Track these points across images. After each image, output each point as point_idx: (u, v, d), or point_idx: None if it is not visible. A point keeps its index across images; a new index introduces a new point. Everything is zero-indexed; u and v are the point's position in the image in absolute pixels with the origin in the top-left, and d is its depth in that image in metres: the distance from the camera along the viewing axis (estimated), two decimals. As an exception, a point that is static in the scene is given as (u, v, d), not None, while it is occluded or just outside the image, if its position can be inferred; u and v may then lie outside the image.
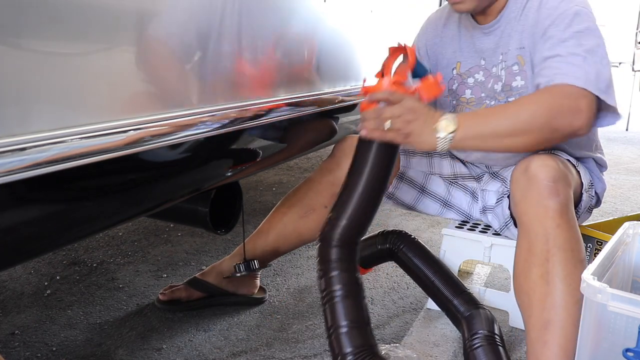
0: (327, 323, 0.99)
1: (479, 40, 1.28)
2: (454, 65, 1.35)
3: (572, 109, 1.03)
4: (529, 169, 1.07)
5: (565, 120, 1.03)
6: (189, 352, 1.31)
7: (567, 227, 1.03)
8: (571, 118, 1.03)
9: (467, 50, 1.32)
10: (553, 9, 1.14)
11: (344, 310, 0.98)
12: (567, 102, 1.03)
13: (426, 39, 1.40)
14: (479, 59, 1.30)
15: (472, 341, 1.11)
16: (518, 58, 1.22)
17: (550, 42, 1.12)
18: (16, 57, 0.66)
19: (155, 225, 2.13)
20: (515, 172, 1.11)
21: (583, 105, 1.03)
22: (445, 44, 1.37)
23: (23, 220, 0.73)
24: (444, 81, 1.39)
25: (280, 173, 3.01)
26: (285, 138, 1.38)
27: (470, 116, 1.11)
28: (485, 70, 1.29)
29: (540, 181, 1.05)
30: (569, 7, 1.12)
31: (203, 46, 0.98)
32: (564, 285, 1.00)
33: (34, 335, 1.35)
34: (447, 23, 1.37)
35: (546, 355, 1.00)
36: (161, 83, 0.90)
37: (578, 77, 1.04)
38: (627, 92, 5.31)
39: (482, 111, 1.12)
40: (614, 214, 2.43)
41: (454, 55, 1.35)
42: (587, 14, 1.12)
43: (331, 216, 1.08)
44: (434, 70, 1.40)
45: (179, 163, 1.02)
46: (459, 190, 1.47)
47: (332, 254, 1.04)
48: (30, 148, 0.66)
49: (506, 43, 1.23)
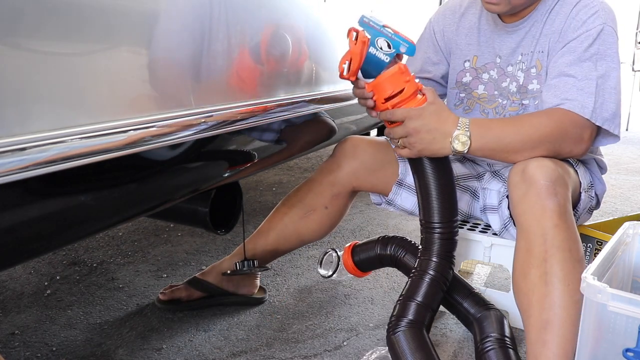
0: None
1: (500, 38, 1.28)
2: (468, 58, 1.35)
3: (576, 138, 1.12)
4: (526, 170, 1.08)
5: (568, 146, 1.12)
6: (189, 352, 1.31)
7: (565, 227, 1.03)
8: (573, 146, 1.12)
9: (486, 45, 1.31)
10: (581, 22, 1.15)
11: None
12: (573, 130, 1.11)
13: (444, 24, 1.39)
14: (495, 56, 1.30)
15: (483, 344, 1.13)
16: (536, 62, 1.22)
17: (569, 57, 1.15)
18: (16, 57, 0.66)
19: (155, 225, 2.13)
20: (512, 173, 1.12)
21: (586, 135, 1.12)
22: (460, 33, 1.36)
23: (23, 220, 0.73)
24: (453, 72, 1.38)
25: (280, 173, 3.01)
26: (285, 138, 1.38)
27: (485, 130, 1.10)
28: (499, 68, 1.29)
29: (537, 182, 1.05)
30: (595, 25, 1.14)
31: (202, 46, 0.98)
32: (563, 286, 1.01)
33: (34, 335, 1.35)
34: (466, 13, 1.36)
35: (545, 355, 1.00)
36: (161, 83, 0.90)
37: (586, 107, 1.10)
38: (627, 92, 5.31)
39: (496, 126, 1.12)
40: (614, 214, 2.43)
41: (468, 47, 1.35)
42: (611, 34, 1.14)
43: (422, 224, 1.17)
44: (447, 59, 1.39)
45: (178, 163, 1.02)
46: (459, 191, 1.47)
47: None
48: (30, 148, 0.66)
49: (528, 44, 1.23)
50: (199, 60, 0.97)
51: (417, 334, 1.07)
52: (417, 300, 1.10)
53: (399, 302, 1.12)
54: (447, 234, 1.14)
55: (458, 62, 1.37)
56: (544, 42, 1.21)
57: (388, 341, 1.08)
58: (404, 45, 1.07)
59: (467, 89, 1.35)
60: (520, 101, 1.26)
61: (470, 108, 1.36)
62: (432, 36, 1.41)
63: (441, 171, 1.13)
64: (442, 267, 1.13)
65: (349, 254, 1.42)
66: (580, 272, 1.01)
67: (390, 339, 1.08)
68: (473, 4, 1.36)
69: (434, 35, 1.41)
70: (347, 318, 1.48)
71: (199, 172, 1.10)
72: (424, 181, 1.13)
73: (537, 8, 1.22)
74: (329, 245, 1.99)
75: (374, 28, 1.06)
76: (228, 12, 1.02)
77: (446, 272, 1.14)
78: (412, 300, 1.10)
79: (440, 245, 1.14)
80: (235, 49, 1.06)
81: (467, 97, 1.36)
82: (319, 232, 1.47)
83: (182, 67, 0.94)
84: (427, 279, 1.12)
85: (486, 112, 1.33)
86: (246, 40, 1.09)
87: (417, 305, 1.10)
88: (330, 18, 1.47)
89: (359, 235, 2.11)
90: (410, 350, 1.05)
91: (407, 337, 1.07)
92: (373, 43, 1.04)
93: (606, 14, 1.15)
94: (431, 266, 1.13)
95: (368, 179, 1.39)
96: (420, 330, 1.08)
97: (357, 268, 1.42)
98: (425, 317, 1.09)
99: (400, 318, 1.09)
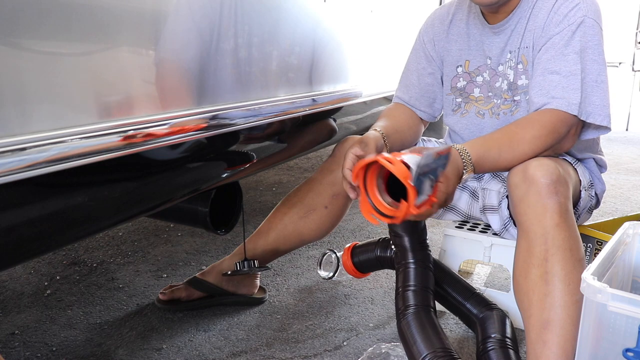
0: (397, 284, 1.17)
1: (488, 40, 1.29)
2: (460, 63, 1.36)
3: (565, 135, 1.15)
4: (527, 170, 1.08)
5: (558, 144, 1.16)
6: (189, 352, 1.31)
7: (566, 227, 1.03)
8: (564, 143, 1.17)
9: (476, 49, 1.33)
10: (562, 16, 1.16)
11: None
12: (564, 130, 1.14)
13: (433, 34, 1.41)
14: (485, 58, 1.31)
15: (484, 345, 1.13)
16: (522, 57, 1.23)
17: (551, 52, 1.16)
18: (16, 57, 0.66)
19: (155, 225, 2.13)
20: (512, 173, 1.12)
21: (573, 131, 1.17)
22: (451, 41, 1.38)
23: (23, 220, 0.73)
24: (447, 78, 1.40)
25: (280, 173, 3.01)
26: (285, 138, 1.38)
27: (481, 156, 1.10)
28: (491, 69, 1.31)
29: (538, 181, 1.05)
30: (576, 18, 1.15)
31: (203, 46, 0.98)
32: (563, 285, 1.01)
33: (34, 335, 1.35)
34: (454, 20, 1.38)
35: (546, 354, 1.00)
36: (161, 83, 0.90)
37: (573, 104, 1.12)
38: (627, 92, 5.31)
39: (495, 149, 1.12)
40: (614, 214, 2.43)
41: (459, 53, 1.36)
42: (592, 25, 1.15)
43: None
44: (440, 67, 1.40)
45: (178, 163, 1.02)
46: (459, 191, 1.47)
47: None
48: (30, 148, 0.66)
49: (515, 41, 1.25)
50: (199, 60, 0.97)
51: (425, 315, 1.10)
52: (412, 287, 1.13)
53: (398, 294, 1.14)
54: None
55: (451, 68, 1.38)
56: (529, 38, 1.22)
57: (399, 330, 1.11)
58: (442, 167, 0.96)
59: (464, 94, 1.37)
60: (512, 98, 1.28)
61: (468, 111, 1.36)
62: (423, 46, 1.43)
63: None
64: (420, 255, 1.18)
65: (349, 255, 1.42)
66: (581, 271, 1.01)
67: (400, 326, 1.11)
68: (459, 11, 1.37)
69: (425, 45, 1.42)
70: (347, 318, 1.48)
71: (199, 172, 1.10)
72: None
73: (520, 4, 1.23)
74: (329, 245, 1.99)
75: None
76: (228, 12, 1.02)
77: (426, 258, 1.18)
78: (409, 289, 1.13)
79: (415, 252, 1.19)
80: (235, 49, 1.06)
81: (464, 102, 1.37)
82: (319, 232, 1.47)
83: (181, 67, 0.94)
84: (412, 267, 1.16)
85: (482, 113, 1.34)
86: (246, 40, 1.09)
87: (414, 291, 1.13)
88: (330, 18, 1.47)
89: (359, 235, 2.11)
90: (417, 331, 1.07)
91: (415, 319, 1.09)
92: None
93: (587, 7, 1.16)
94: (410, 257, 1.17)
95: None
96: (427, 312, 1.11)
97: (357, 269, 1.42)
98: (427, 300, 1.13)
99: (406, 307, 1.12)
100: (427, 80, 1.43)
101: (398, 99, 1.47)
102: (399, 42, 2.01)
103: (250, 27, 1.10)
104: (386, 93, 1.94)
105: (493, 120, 1.31)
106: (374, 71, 1.86)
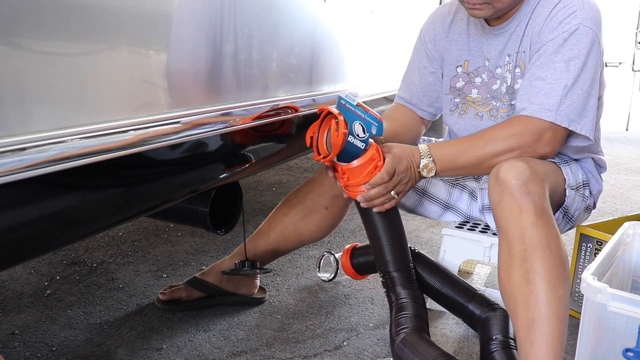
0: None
1: (488, 41, 1.29)
2: (460, 63, 1.36)
3: (536, 141, 1.15)
4: (499, 174, 1.09)
5: (531, 149, 1.16)
6: (189, 352, 1.31)
7: (543, 224, 1.04)
8: (539, 148, 1.16)
9: (475, 49, 1.33)
10: (557, 23, 1.17)
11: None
12: (530, 136, 1.15)
13: (434, 33, 1.41)
14: (484, 59, 1.31)
15: (488, 346, 1.14)
16: (519, 62, 1.24)
17: (541, 58, 1.17)
18: (16, 57, 0.66)
19: (155, 225, 2.13)
20: (489, 179, 1.14)
21: (548, 137, 1.15)
22: (451, 40, 1.38)
23: (23, 220, 0.73)
24: (447, 77, 1.40)
25: (280, 173, 3.01)
26: (285, 138, 1.38)
27: (444, 153, 1.18)
28: (489, 71, 1.31)
29: (509, 183, 1.06)
30: (571, 25, 1.15)
31: (203, 46, 0.98)
32: (545, 283, 1.01)
33: (34, 335, 1.35)
34: (454, 20, 1.38)
35: (535, 353, 1.00)
36: (161, 83, 0.90)
37: (549, 110, 1.13)
38: (627, 92, 5.31)
39: (455, 145, 1.21)
40: (614, 214, 2.43)
41: (459, 53, 1.36)
42: (586, 34, 1.15)
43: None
44: (441, 66, 1.41)
45: (178, 163, 1.02)
46: (458, 191, 1.47)
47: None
48: (30, 148, 0.66)
49: (513, 45, 1.25)
50: (199, 60, 0.97)
51: (418, 335, 1.11)
52: (407, 314, 1.15)
53: (392, 322, 1.16)
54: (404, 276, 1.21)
55: (450, 68, 1.39)
56: (526, 42, 1.23)
57: (393, 353, 1.12)
58: (375, 126, 1.10)
59: (461, 94, 1.37)
60: (509, 102, 1.28)
61: (466, 112, 1.37)
62: (424, 45, 1.43)
63: (391, 223, 1.21)
64: (411, 291, 1.20)
65: (348, 257, 1.42)
66: (562, 267, 1.02)
67: (394, 349, 1.11)
68: (460, 11, 1.38)
69: (426, 44, 1.43)
70: (347, 318, 1.48)
71: (199, 172, 1.10)
72: (375, 235, 1.21)
73: (521, 9, 1.24)
74: (329, 245, 1.99)
75: (350, 111, 1.07)
76: (228, 12, 1.02)
77: (417, 295, 1.20)
78: (403, 316, 1.15)
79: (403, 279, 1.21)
80: (232, 48, 1.06)
81: (462, 102, 1.37)
82: (320, 233, 1.47)
83: (181, 67, 0.94)
84: (408, 303, 1.18)
85: (480, 115, 1.34)
86: (246, 40, 1.09)
87: (408, 317, 1.14)
88: (330, 18, 1.47)
89: (358, 235, 2.11)
90: (415, 347, 1.08)
91: (409, 339, 1.10)
92: (351, 130, 1.05)
93: (584, 14, 1.15)
94: (403, 295, 1.19)
95: None
96: (419, 333, 1.11)
97: (356, 271, 1.42)
98: (421, 324, 1.14)
99: (399, 329, 1.13)
100: (429, 79, 1.43)
101: (400, 99, 1.47)
102: (399, 42, 2.01)
103: (250, 28, 1.10)
104: (386, 93, 1.94)
105: (491, 123, 1.31)
106: (374, 71, 1.86)
